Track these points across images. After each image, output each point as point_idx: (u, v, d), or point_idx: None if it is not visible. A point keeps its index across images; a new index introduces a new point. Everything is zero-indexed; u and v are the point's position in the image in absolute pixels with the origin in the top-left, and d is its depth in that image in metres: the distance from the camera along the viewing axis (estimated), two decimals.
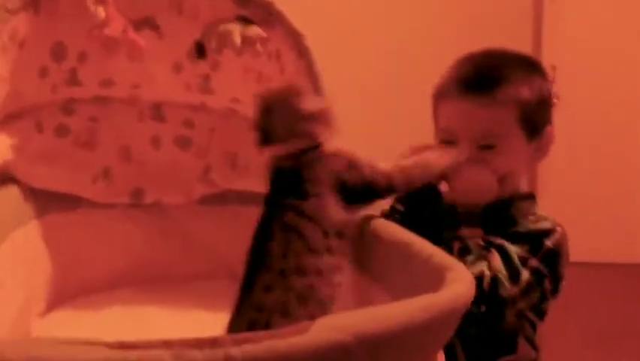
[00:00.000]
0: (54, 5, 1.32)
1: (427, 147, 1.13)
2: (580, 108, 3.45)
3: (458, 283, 0.72)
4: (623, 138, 3.71)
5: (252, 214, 1.63)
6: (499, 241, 1.03)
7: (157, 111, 1.63)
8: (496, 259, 0.99)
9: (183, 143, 1.64)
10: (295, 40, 1.38)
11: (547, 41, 3.56)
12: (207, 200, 1.64)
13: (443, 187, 1.12)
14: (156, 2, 1.41)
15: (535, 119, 1.09)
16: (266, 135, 1.01)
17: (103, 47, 1.41)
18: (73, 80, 1.49)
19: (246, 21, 1.37)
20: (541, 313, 1.10)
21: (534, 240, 1.03)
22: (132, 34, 1.40)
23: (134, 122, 1.61)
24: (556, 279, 1.05)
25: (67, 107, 1.54)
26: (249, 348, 0.55)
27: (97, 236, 1.54)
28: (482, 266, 0.98)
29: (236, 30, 1.34)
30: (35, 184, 1.45)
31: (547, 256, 1.02)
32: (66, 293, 1.47)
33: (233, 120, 1.63)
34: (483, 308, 0.96)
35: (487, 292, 0.95)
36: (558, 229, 1.06)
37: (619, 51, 3.53)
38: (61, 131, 1.55)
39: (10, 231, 1.27)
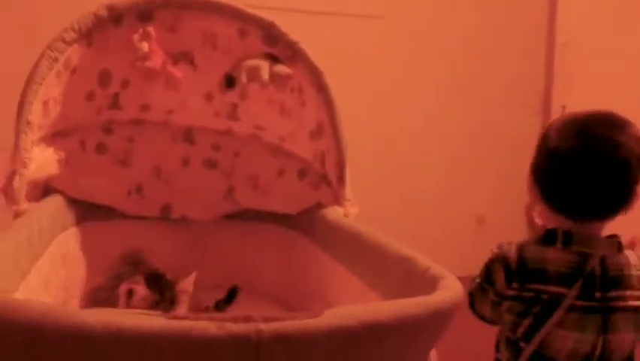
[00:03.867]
0: (105, 39, 1.49)
1: None
2: None
3: (448, 289, 0.86)
4: None
5: (270, 231, 1.79)
6: None
7: (188, 134, 1.79)
8: None
9: (210, 164, 1.80)
10: (316, 76, 1.54)
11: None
12: (229, 217, 1.79)
13: None
14: (193, 39, 1.58)
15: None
16: None
17: (144, 77, 1.58)
18: (115, 103, 1.66)
19: (273, 59, 1.53)
20: None
21: None
22: (170, 67, 1.58)
23: (167, 143, 1.77)
24: (494, 287, 1.05)
25: (108, 128, 1.71)
26: (275, 324, 0.69)
27: (127, 244, 1.69)
28: None
29: (265, 67, 1.51)
30: (76, 195, 1.61)
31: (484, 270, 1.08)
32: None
33: (257, 145, 1.79)
34: None
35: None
36: (494, 250, 1.06)
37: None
38: (101, 149, 1.71)
39: (56, 235, 1.42)
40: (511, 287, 0.97)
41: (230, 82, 1.65)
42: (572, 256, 0.97)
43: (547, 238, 1.00)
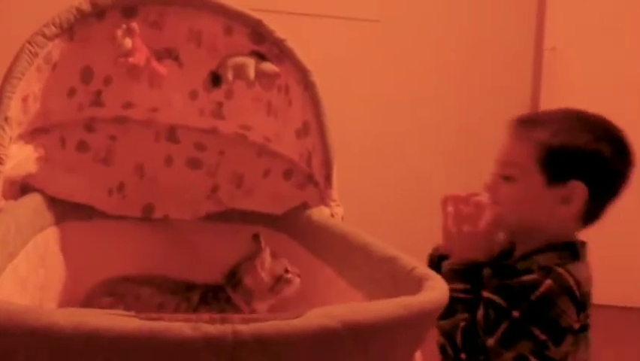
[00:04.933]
0: (87, 33, 1.46)
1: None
2: None
3: (433, 290, 0.84)
4: None
5: (254, 232, 1.75)
6: (487, 294, 1.08)
7: (172, 133, 1.76)
8: (480, 312, 1.06)
9: (194, 164, 1.77)
10: (303, 74, 1.52)
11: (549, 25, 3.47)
12: (212, 217, 1.76)
13: None
14: (178, 35, 1.55)
15: (555, 166, 1.08)
16: None
17: (127, 74, 1.55)
18: (97, 101, 1.62)
19: (260, 56, 1.51)
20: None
21: (520, 292, 1.03)
22: (154, 63, 1.55)
23: (150, 142, 1.74)
24: (552, 329, 1.00)
25: (90, 126, 1.67)
26: (253, 325, 0.66)
27: (108, 245, 1.65)
28: (463, 317, 1.07)
29: (251, 64, 1.48)
30: (55, 194, 1.58)
31: (533, 309, 1.00)
32: (75, 297, 1.57)
33: (242, 145, 1.76)
34: (463, 356, 1.05)
35: (462, 342, 1.05)
36: (547, 281, 1.01)
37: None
38: (82, 146, 1.68)
39: (34, 234, 1.38)
40: (578, 319, 0.93)
41: (216, 80, 1.62)
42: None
43: (573, 252, 0.97)
